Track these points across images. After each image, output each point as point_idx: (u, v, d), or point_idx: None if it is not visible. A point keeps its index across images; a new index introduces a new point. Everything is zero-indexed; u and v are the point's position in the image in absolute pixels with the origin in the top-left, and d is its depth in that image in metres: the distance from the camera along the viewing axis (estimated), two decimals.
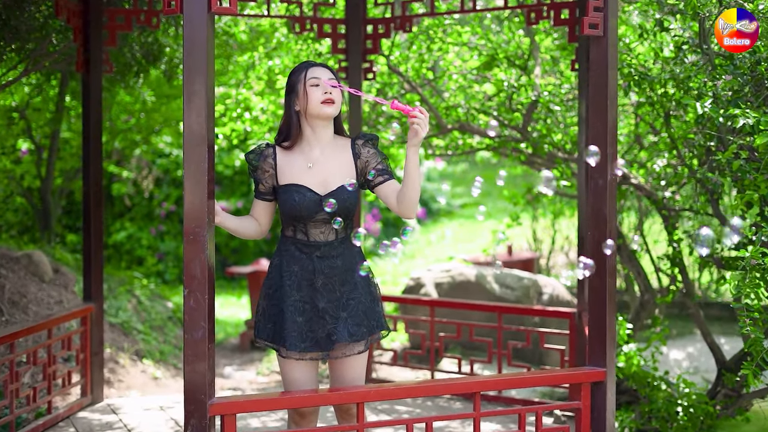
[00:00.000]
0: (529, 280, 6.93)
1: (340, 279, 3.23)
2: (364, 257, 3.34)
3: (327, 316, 3.19)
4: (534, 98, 5.35)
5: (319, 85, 3.21)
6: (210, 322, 2.93)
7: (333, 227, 3.22)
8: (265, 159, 3.28)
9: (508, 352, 5.05)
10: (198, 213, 2.90)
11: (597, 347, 3.48)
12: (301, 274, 3.22)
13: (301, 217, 3.20)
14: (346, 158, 3.27)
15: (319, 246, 3.22)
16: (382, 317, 3.31)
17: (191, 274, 2.92)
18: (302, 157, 3.27)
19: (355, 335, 3.18)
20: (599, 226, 3.44)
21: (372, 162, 3.27)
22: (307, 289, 3.22)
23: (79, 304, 5.21)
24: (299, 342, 3.18)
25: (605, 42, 3.41)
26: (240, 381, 6.56)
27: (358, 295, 3.23)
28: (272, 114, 6.31)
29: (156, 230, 10.95)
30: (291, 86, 3.27)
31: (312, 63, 3.29)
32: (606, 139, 3.42)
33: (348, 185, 3.19)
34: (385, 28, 5.28)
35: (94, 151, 4.93)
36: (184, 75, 2.92)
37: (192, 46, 2.90)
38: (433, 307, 5.28)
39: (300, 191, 3.20)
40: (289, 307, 3.19)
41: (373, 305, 3.28)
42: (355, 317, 3.20)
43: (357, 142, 3.30)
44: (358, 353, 3.24)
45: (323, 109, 3.20)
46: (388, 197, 3.24)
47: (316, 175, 3.23)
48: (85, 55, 4.87)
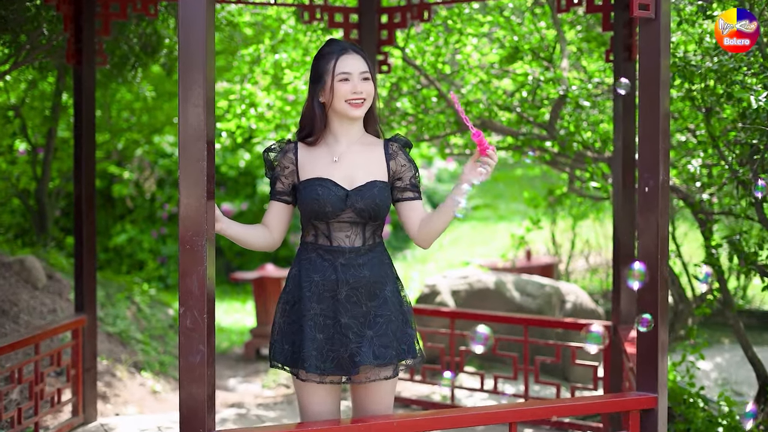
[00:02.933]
0: (551, 288, 6.52)
1: (368, 292, 2.80)
2: (397, 275, 2.92)
3: (350, 334, 2.76)
4: (562, 93, 4.95)
5: (349, 80, 2.79)
6: (209, 345, 2.54)
7: (359, 231, 2.82)
8: (285, 154, 2.87)
9: (536, 367, 4.65)
10: (195, 218, 2.52)
11: (647, 370, 3.08)
12: (322, 284, 2.80)
13: (324, 214, 2.78)
14: (377, 156, 2.87)
15: (343, 252, 2.80)
16: (414, 342, 2.87)
17: (188, 290, 2.53)
18: (327, 151, 2.86)
19: (381, 358, 2.75)
20: (649, 236, 3.04)
21: (406, 173, 2.87)
22: (328, 302, 2.79)
23: (70, 315, 4.82)
24: (320, 362, 2.75)
25: (657, 25, 3.03)
26: (244, 395, 6.17)
27: (387, 312, 2.80)
28: (279, 110, 5.92)
29: (158, 233, 10.58)
30: (317, 75, 2.84)
31: (344, 47, 2.83)
32: (658, 133, 3.03)
33: (379, 182, 2.80)
34: (401, 17, 4.89)
35: (86, 149, 4.54)
36: (180, 62, 2.53)
37: (189, 29, 2.51)
38: (453, 319, 4.88)
39: (324, 185, 2.79)
40: (308, 321, 2.77)
41: (405, 327, 2.85)
42: (383, 337, 2.77)
43: (392, 145, 2.89)
44: (385, 379, 2.81)
45: (349, 110, 2.80)
46: (409, 218, 2.87)
47: (343, 169, 2.83)
48: (76, 46, 4.48)
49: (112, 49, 5.44)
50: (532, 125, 5.25)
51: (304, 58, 5.80)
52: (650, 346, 3.07)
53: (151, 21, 5.19)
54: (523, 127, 5.42)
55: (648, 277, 3.00)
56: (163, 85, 8.02)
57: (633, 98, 4.27)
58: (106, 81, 6.35)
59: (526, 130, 5.36)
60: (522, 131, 5.34)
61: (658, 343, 3.05)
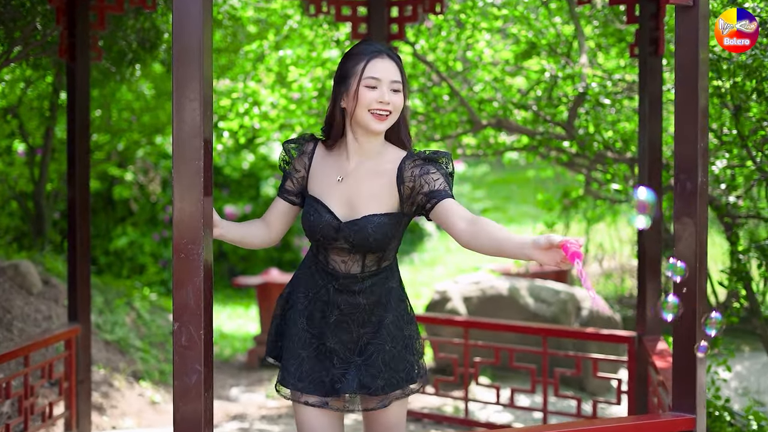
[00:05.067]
0: (566, 294, 6.26)
1: (360, 319, 2.56)
2: (402, 292, 2.67)
3: (335, 359, 2.55)
4: (581, 90, 4.69)
5: (377, 87, 2.47)
6: (207, 364, 2.29)
7: (358, 258, 2.54)
8: (301, 155, 2.61)
9: (555, 380, 4.39)
10: (191, 224, 2.26)
11: (685, 389, 2.83)
12: (314, 303, 2.58)
13: (316, 240, 2.56)
14: (386, 182, 2.53)
15: (337, 277, 2.56)
16: (414, 368, 2.61)
17: (182, 303, 2.28)
18: (336, 165, 2.58)
19: (366, 387, 2.52)
20: (686, 243, 2.79)
21: (418, 192, 2.49)
22: (317, 322, 2.58)
23: (63, 325, 4.58)
24: (295, 380, 2.54)
25: (695, 13, 2.79)
26: (247, 405, 5.91)
27: (380, 340, 2.55)
28: (283, 109, 5.67)
29: (159, 236, 10.34)
30: (342, 76, 2.53)
31: (378, 50, 2.51)
32: (696, 131, 2.78)
33: (379, 216, 2.50)
34: (412, 10, 4.63)
35: (81, 149, 4.30)
36: (174, 50, 2.28)
37: (183, 12, 2.26)
38: (467, 329, 4.62)
39: (318, 211, 2.53)
40: (294, 336, 2.57)
41: (406, 354, 2.59)
42: (372, 367, 2.52)
43: (406, 163, 2.52)
44: (366, 410, 2.58)
45: (372, 123, 2.48)
46: (446, 221, 2.43)
47: (344, 193, 2.54)
48: (69, 40, 4.24)
49: (108, 45, 5.20)
50: (550, 124, 4.99)
51: (310, 54, 5.55)
52: (689, 363, 2.81)
53: (149, 14, 4.94)
54: (539, 126, 5.16)
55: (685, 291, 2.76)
56: (163, 84, 7.78)
57: (660, 95, 4.02)
58: (104, 79, 6.10)
59: (543, 130, 5.10)
60: (538, 131, 5.08)
61: (696, 360, 2.80)
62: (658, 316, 4.11)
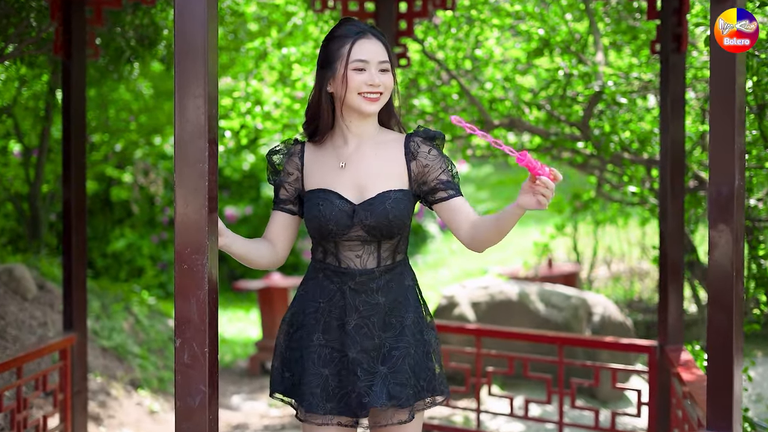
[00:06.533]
0: (577, 299, 6.08)
1: (381, 321, 2.38)
2: (419, 293, 2.50)
3: (359, 370, 2.35)
4: (597, 89, 4.51)
5: (365, 70, 2.35)
6: (212, 383, 2.11)
7: (373, 249, 2.38)
8: (290, 158, 2.45)
9: (572, 391, 4.21)
10: (195, 232, 2.08)
11: (720, 404, 2.65)
12: (328, 311, 2.39)
13: (329, 233, 2.36)
14: (393, 156, 2.41)
15: (353, 275, 2.38)
16: (436, 378, 2.43)
17: (185, 318, 2.10)
18: (333, 154, 2.42)
19: (396, 398, 2.32)
20: (723, 250, 2.61)
21: (434, 169, 2.40)
22: (335, 332, 2.38)
23: (58, 334, 4.40)
24: (322, 401, 2.34)
25: (733, 3, 2.61)
26: (249, 414, 5.73)
27: (404, 344, 2.36)
28: (287, 109, 5.48)
29: (158, 238, 10.16)
30: (327, 60, 2.39)
31: (362, 30, 2.38)
32: (733, 129, 2.60)
33: (394, 192, 2.35)
34: (422, 5, 4.45)
35: (77, 150, 4.11)
36: (176, 44, 2.10)
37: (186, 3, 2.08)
38: (479, 337, 4.44)
39: (327, 199, 2.36)
40: (311, 353, 2.37)
41: (426, 360, 2.41)
42: (399, 374, 2.34)
43: (414, 139, 2.42)
44: (399, 423, 2.37)
45: (363, 105, 2.36)
46: (451, 221, 2.40)
47: (350, 177, 2.39)
48: (65, 36, 4.05)
49: (106, 42, 5.01)
50: (564, 124, 4.80)
51: (315, 52, 5.36)
52: (725, 376, 2.64)
53: (148, 10, 4.75)
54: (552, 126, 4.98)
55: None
56: (162, 83, 7.60)
57: (683, 93, 3.84)
58: (101, 78, 5.92)
59: (557, 130, 4.92)
60: (552, 131, 4.90)
61: (733, 374, 2.63)
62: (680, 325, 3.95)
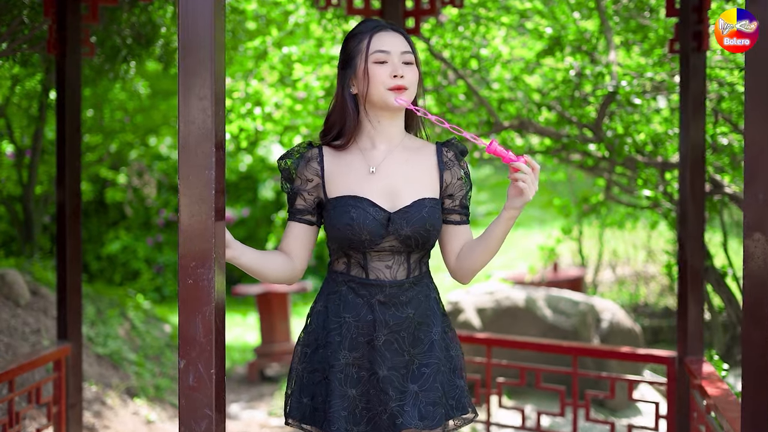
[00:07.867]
0: (585, 305, 5.92)
1: (411, 336, 2.23)
2: (443, 305, 2.35)
3: (390, 389, 2.19)
4: (611, 89, 4.36)
5: (387, 62, 2.22)
6: (219, 409, 1.95)
7: (403, 260, 2.24)
8: (307, 164, 2.28)
9: (586, 403, 4.05)
10: (200, 245, 1.92)
11: (756, 423, 2.50)
12: (355, 327, 2.23)
13: (361, 243, 2.20)
14: (426, 163, 2.29)
15: (383, 287, 2.22)
16: (464, 395, 2.30)
17: (190, 337, 1.94)
18: (360, 158, 2.27)
19: (429, 419, 2.17)
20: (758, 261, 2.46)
21: (458, 191, 2.32)
22: (363, 348, 2.22)
23: (52, 344, 4.23)
24: (351, 425, 2.19)
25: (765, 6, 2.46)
26: (249, 424, 5.57)
27: (434, 360, 2.22)
28: (288, 110, 5.31)
29: (153, 240, 9.98)
30: (347, 58, 2.27)
31: (379, 24, 2.27)
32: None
33: (429, 200, 2.23)
34: (429, 2, 4.29)
35: (71, 151, 3.94)
36: (180, 40, 1.93)
37: None
38: (489, 347, 4.29)
39: (360, 206, 2.20)
40: (337, 373, 2.20)
41: (453, 377, 2.28)
42: (431, 392, 2.20)
43: (447, 152, 2.31)
44: None
45: (389, 98, 2.21)
46: (451, 245, 2.32)
47: (382, 183, 2.24)
48: (59, 34, 3.89)
49: (101, 40, 4.84)
50: (576, 126, 4.65)
51: (318, 50, 5.20)
52: (760, 394, 2.48)
53: (145, 7, 4.59)
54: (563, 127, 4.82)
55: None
56: (159, 83, 7.43)
57: (704, 93, 3.69)
58: (97, 77, 5.75)
59: (567, 131, 4.76)
60: (562, 132, 4.75)
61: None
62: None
